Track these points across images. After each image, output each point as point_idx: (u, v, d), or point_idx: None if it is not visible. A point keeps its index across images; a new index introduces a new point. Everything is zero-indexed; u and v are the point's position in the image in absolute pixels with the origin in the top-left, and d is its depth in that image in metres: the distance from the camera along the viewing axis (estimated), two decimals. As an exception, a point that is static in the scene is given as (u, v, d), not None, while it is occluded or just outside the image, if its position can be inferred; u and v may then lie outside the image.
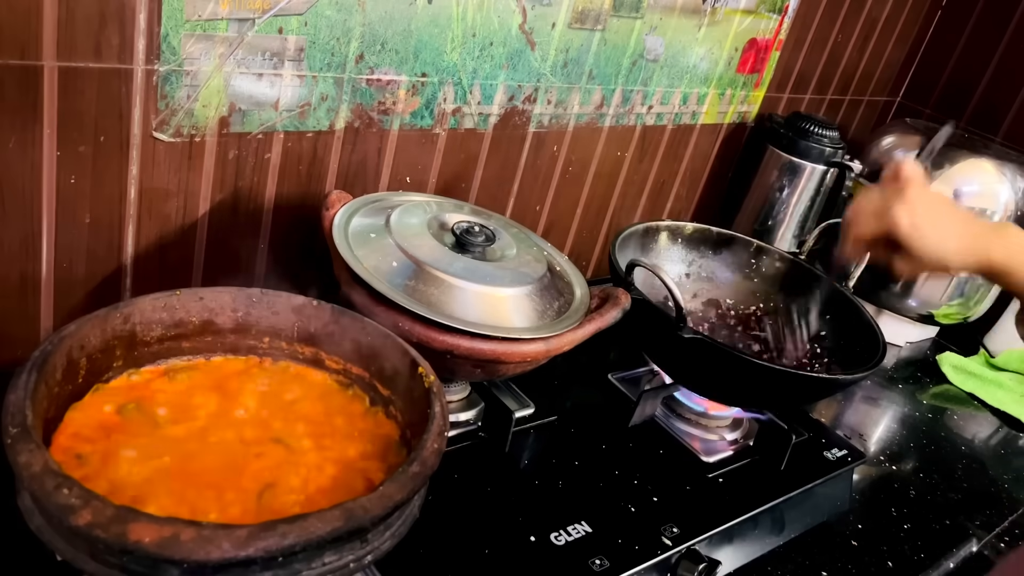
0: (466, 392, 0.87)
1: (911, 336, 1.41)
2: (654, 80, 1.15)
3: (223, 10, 0.72)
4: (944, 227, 0.77)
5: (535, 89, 1.01)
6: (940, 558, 0.91)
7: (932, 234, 0.76)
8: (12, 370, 0.53)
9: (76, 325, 0.59)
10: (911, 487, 1.03)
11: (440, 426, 0.59)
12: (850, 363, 0.95)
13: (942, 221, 0.77)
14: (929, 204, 0.77)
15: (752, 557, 0.84)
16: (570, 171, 1.14)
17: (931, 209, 0.77)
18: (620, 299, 0.81)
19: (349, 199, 0.82)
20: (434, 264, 0.74)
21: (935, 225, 0.77)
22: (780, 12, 1.25)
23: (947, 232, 0.77)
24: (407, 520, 0.57)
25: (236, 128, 0.79)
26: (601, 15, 1.01)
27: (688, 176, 1.34)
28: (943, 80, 1.61)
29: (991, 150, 1.36)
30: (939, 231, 0.77)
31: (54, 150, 0.69)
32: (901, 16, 1.52)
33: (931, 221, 0.76)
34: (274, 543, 0.45)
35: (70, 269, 0.76)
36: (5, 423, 0.49)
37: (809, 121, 1.31)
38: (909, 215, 0.76)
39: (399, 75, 0.88)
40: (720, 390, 0.93)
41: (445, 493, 0.76)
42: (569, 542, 0.74)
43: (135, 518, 0.44)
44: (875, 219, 0.78)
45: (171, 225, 0.80)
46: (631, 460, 0.89)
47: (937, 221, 0.77)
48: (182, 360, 0.67)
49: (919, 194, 0.77)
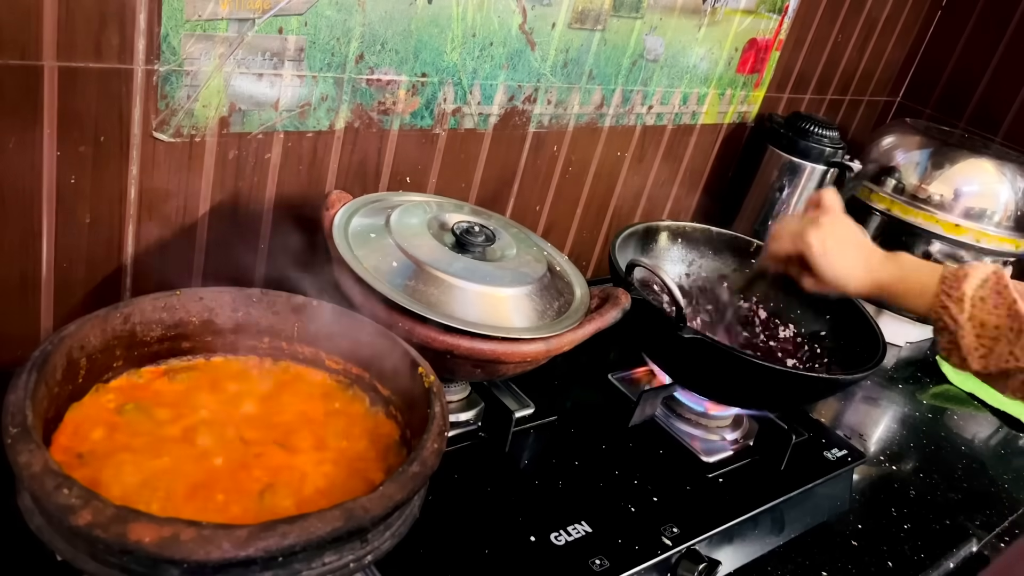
0: (466, 392, 0.87)
1: (911, 336, 1.41)
2: (654, 80, 1.15)
3: (223, 10, 0.72)
4: (848, 256, 0.86)
5: (535, 89, 1.01)
6: (940, 558, 0.91)
7: (838, 261, 0.86)
8: (12, 370, 0.53)
9: (76, 325, 0.59)
10: (911, 487, 1.03)
11: (440, 426, 0.59)
12: (850, 363, 0.95)
13: (848, 250, 0.87)
14: (839, 234, 0.87)
15: (752, 557, 0.84)
16: (570, 171, 1.14)
17: (840, 238, 0.86)
18: (620, 299, 0.81)
19: (349, 199, 0.82)
20: (434, 264, 0.74)
21: (842, 253, 0.86)
22: (780, 12, 1.25)
23: (850, 260, 0.86)
24: (407, 520, 0.57)
25: (236, 128, 0.79)
26: (601, 15, 1.01)
27: (688, 176, 1.34)
28: (943, 80, 1.61)
29: (991, 150, 1.36)
30: (844, 259, 0.86)
31: (54, 150, 0.69)
32: (901, 16, 1.52)
33: (839, 249, 0.86)
34: (274, 543, 0.45)
35: (70, 269, 0.76)
36: (5, 423, 0.49)
37: (809, 121, 1.31)
38: (820, 242, 0.85)
39: (399, 75, 0.88)
40: (720, 390, 0.93)
41: (445, 493, 0.76)
42: (569, 542, 0.74)
43: (135, 518, 0.44)
44: (791, 240, 0.88)
45: (171, 225, 0.80)
46: (631, 460, 0.89)
47: (844, 250, 0.86)
48: (182, 360, 0.67)
49: (832, 223, 0.87)
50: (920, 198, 1.32)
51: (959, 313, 0.78)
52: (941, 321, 0.80)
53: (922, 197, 1.32)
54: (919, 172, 1.33)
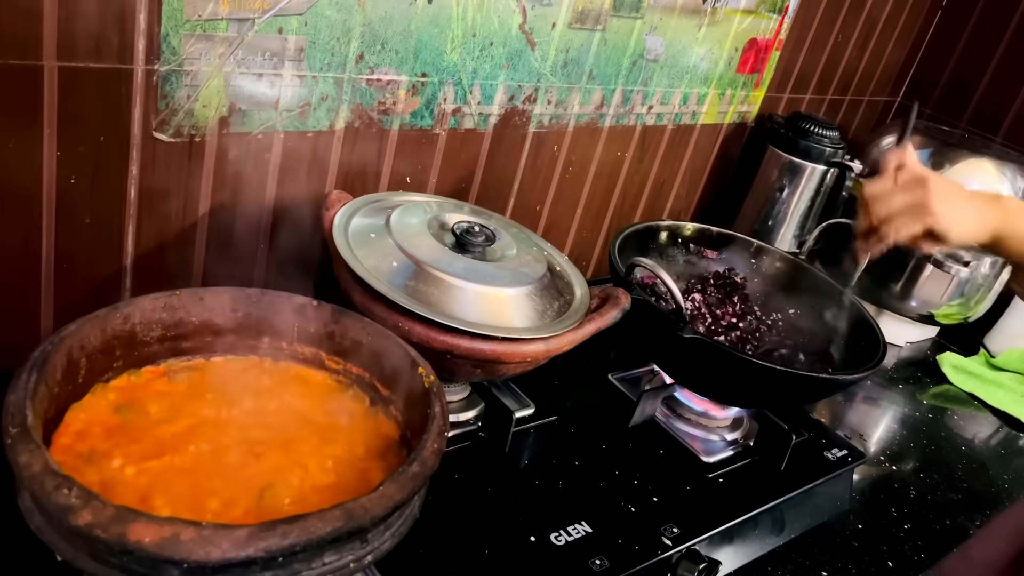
0: (466, 392, 0.87)
1: (911, 336, 1.41)
2: (654, 80, 1.15)
3: (223, 10, 0.72)
4: (967, 212, 0.85)
5: (535, 89, 1.01)
6: (940, 558, 0.91)
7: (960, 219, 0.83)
8: (12, 370, 0.53)
9: (76, 325, 0.59)
10: (911, 487, 1.03)
11: (440, 426, 0.59)
12: (850, 363, 0.95)
13: (965, 207, 0.85)
14: (950, 192, 0.84)
15: (752, 557, 0.84)
16: (570, 171, 1.14)
17: (952, 195, 0.84)
18: (620, 299, 0.81)
19: (349, 199, 0.82)
20: (434, 264, 0.74)
21: (960, 210, 0.84)
22: (780, 12, 1.25)
23: (970, 216, 0.85)
24: (407, 520, 0.57)
25: (236, 128, 0.79)
26: (601, 15, 1.01)
27: (688, 176, 1.34)
28: (943, 80, 1.61)
29: (991, 150, 1.36)
30: (966, 217, 0.84)
31: (54, 150, 0.69)
32: (901, 16, 1.52)
33: (956, 207, 0.84)
34: (274, 543, 0.45)
35: (70, 269, 0.76)
36: (5, 423, 0.49)
37: (809, 121, 1.31)
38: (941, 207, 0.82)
39: (399, 75, 0.88)
40: (720, 390, 0.93)
41: (445, 493, 0.76)
42: (569, 542, 0.74)
43: (135, 518, 0.44)
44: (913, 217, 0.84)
45: (171, 225, 0.80)
46: (631, 460, 0.89)
47: (962, 208, 0.84)
48: (182, 360, 0.67)
49: (941, 185, 0.84)
50: (920, 198, 1.32)
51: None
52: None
53: (922, 197, 1.32)
54: (919, 172, 1.32)
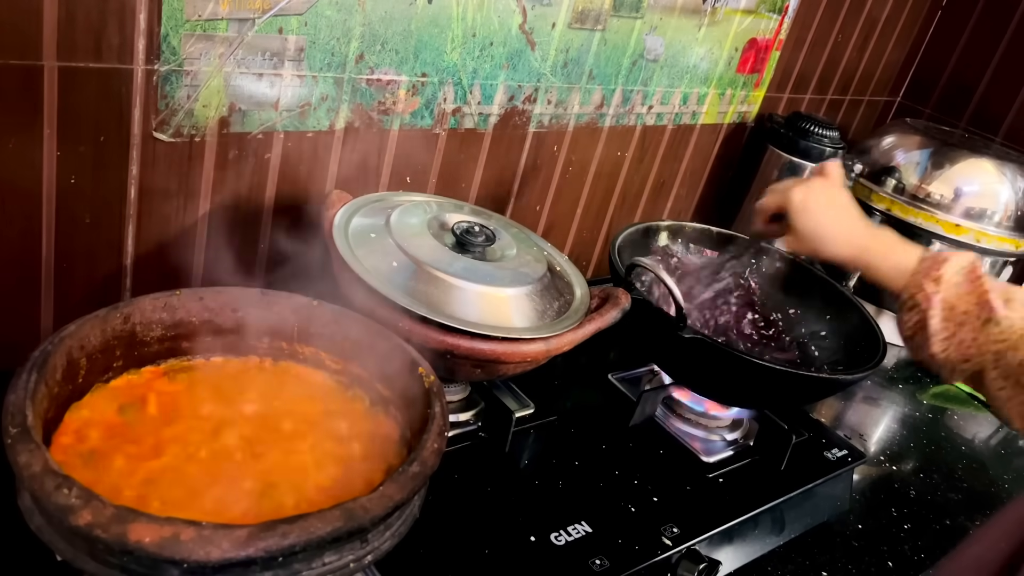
0: (466, 392, 0.87)
1: (911, 336, 1.41)
2: (654, 80, 1.15)
3: (223, 10, 0.72)
4: (830, 217, 0.87)
5: (535, 89, 1.01)
6: (940, 558, 0.91)
7: (817, 220, 0.87)
8: (12, 370, 0.53)
9: (76, 325, 0.59)
10: (911, 487, 1.03)
11: (440, 426, 0.59)
12: (850, 363, 0.95)
13: (830, 212, 0.88)
14: (826, 195, 0.88)
15: (752, 557, 0.84)
16: (570, 171, 1.14)
17: (826, 200, 0.88)
18: (620, 299, 0.81)
19: (349, 199, 0.82)
20: (434, 264, 0.74)
21: (823, 213, 0.87)
22: (780, 12, 1.25)
23: (831, 221, 0.87)
24: (407, 520, 0.57)
25: (236, 128, 0.79)
26: (601, 15, 1.01)
27: (688, 176, 1.34)
28: (943, 80, 1.61)
29: (991, 150, 1.36)
30: (825, 219, 0.87)
31: (54, 150, 0.69)
32: (901, 16, 1.52)
33: (821, 209, 0.87)
34: (274, 543, 0.45)
35: (70, 269, 0.76)
36: (5, 423, 0.49)
37: (809, 121, 1.31)
38: (803, 198, 0.87)
39: (399, 75, 0.88)
40: (720, 390, 0.93)
41: (445, 493, 0.75)
42: (569, 542, 0.74)
43: (135, 518, 0.44)
44: (778, 195, 0.90)
45: (171, 225, 0.80)
46: (631, 460, 0.89)
47: (826, 211, 0.87)
48: (182, 360, 0.67)
49: (822, 186, 0.89)
50: (920, 198, 1.32)
51: (934, 292, 0.79)
52: (913, 299, 0.81)
53: (922, 197, 1.32)
54: (919, 172, 1.33)
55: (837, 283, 1.06)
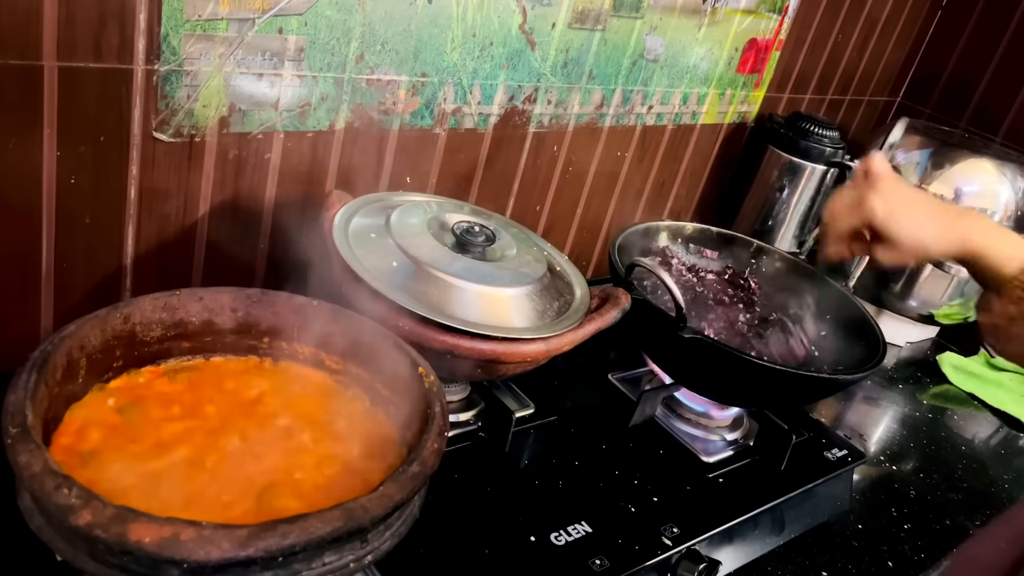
0: (466, 392, 0.87)
1: (911, 336, 1.41)
2: (654, 80, 1.15)
3: (223, 10, 0.72)
4: (918, 213, 0.80)
5: (535, 89, 1.01)
6: (940, 558, 0.91)
7: (907, 220, 0.79)
8: (12, 370, 0.53)
9: (76, 325, 0.59)
10: (911, 487, 1.03)
11: (440, 426, 0.59)
12: (850, 363, 0.95)
13: (916, 208, 0.80)
14: (901, 193, 0.80)
15: (752, 557, 0.84)
16: (570, 171, 1.14)
17: (904, 197, 0.80)
18: (620, 299, 0.81)
19: (349, 199, 0.82)
20: (434, 264, 0.74)
21: (909, 212, 0.79)
22: (780, 12, 1.25)
23: (922, 218, 0.80)
24: (407, 520, 0.57)
25: (236, 128, 0.79)
26: (601, 15, 1.01)
27: (688, 176, 1.34)
28: (943, 80, 1.61)
29: (991, 150, 1.36)
30: (914, 217, 0.79)
31: (54, 150, 0.69)
32: (901, 16, 1.52)
33: (905, 208, 0.79)
34: (274, 543, 0.45)
35: (70, 269, 0.76)
36: (5, 423, 0.49)
37: (809, 121, 1.31)
38: (883, 203, 0.79)
39: (399, 75, 0.88)
40: (720, 390, 0.93)
41: (445, 493, 0.76)
42: (569, 542, 0.74)
43: (135, 518, 0.44)
44: (851, 213, 0.81)
45: (171, 225, 0.80)
46: (631, 460, 0.89)
47: (911, 208, 0.80)
48: (182, 360, 0.67)
49: (891, 185, 0.80)
50: (920, 198, 1.32)
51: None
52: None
53: (922, 197, 1.32)
54: (919, 172, 1.32)
55: (837, 283, 1.06)
